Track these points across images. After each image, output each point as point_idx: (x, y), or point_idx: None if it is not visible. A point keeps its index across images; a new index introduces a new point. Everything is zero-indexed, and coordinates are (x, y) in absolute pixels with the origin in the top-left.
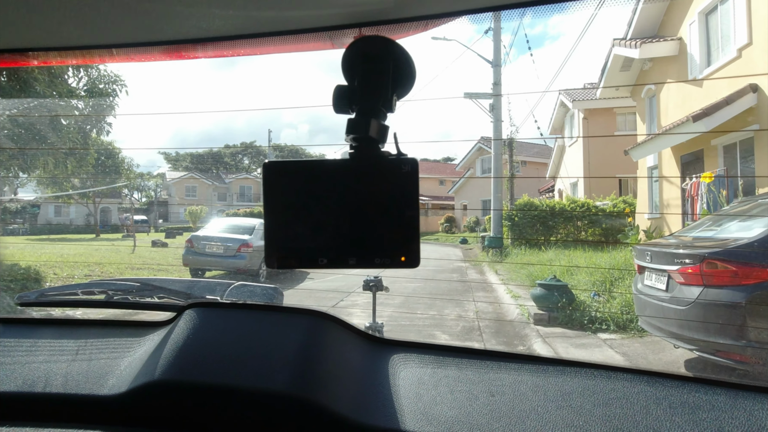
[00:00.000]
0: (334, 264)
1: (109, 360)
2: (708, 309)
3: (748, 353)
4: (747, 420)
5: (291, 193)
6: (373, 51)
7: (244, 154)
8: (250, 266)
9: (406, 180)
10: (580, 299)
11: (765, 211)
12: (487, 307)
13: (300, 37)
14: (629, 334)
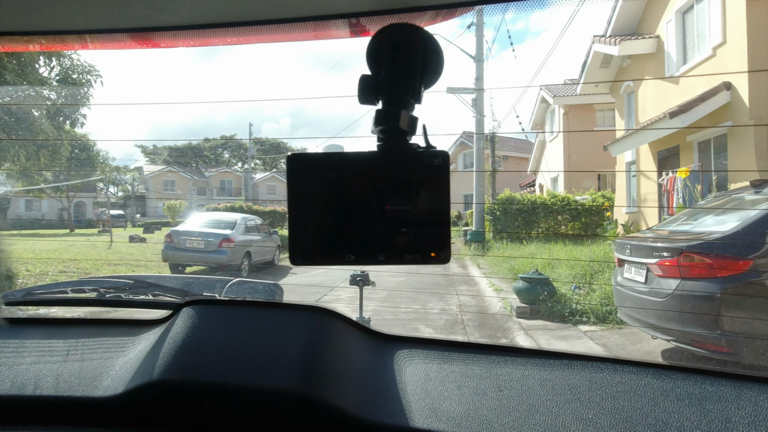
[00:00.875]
0: (361, 261)
1: (103, 360)
2: (685, 300)
3: (723, 343)
4: (753, 410)
5: (316, 186)
6: (401, 39)
7: (224, 148)
8: (231, 261)
9: (437, 173)
10: (561, 292)
11: (738, 206)
12: (470, 301)
13: (318, 24)
14: (608, 326)
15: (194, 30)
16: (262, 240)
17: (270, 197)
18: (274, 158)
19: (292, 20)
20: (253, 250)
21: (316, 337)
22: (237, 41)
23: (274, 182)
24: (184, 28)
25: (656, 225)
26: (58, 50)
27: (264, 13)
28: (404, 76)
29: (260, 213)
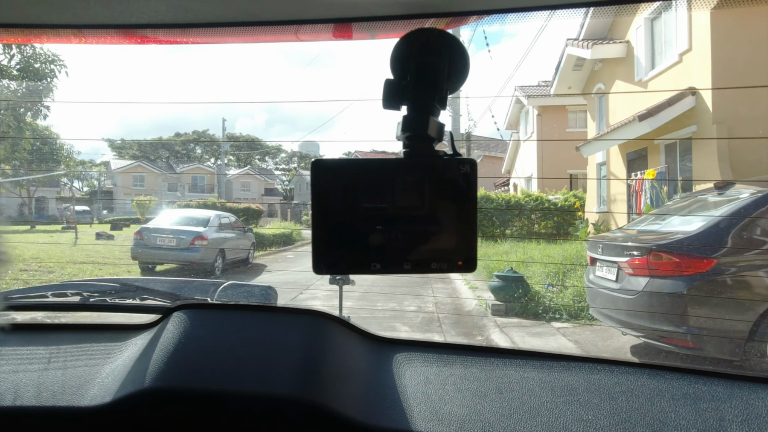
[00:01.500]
0: (388, 270)
1: (88, 367)
2: (654, 298)
3: (688, 338)
4: (745, 409)
5: (342, 193)
6: (430, 44)
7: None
8: (204, 260)
9: (464, 181)
10: (535, 290)
11: (703, 207)
12: (446, 299)
13: (338, 26)
14: (580, 323)
15: (190, 28)
16: (236, 238)
17: (244, 194)
18: (248, 154)
19: (280, 23)
20: (227, 248)
21: (315, 341)
22: (233, 41)
23: (248, 179)
24: (180, 26)
25: (626, 225)
26: (27, 43)
27: (264, 14)
28: (431, 82)
29: (234, 210)
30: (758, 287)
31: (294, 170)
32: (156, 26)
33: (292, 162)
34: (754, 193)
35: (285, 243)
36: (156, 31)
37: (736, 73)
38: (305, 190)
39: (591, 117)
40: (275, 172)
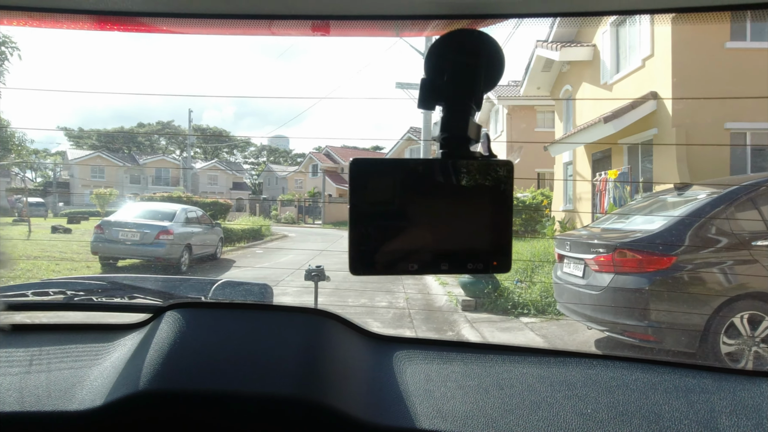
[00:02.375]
0: (425, 270)
1: (74, 370)
2: (618, 294)
3: (650, 332)
4: (732, 400)
5: (380, 193)
6: (469, 45)
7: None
8: (170, 255)
9: (501, 183)
10: (504, 286)
11: (663, 208)
12: (417, 295)
13: (363, 23)
14: (548, 317)
15: (159, 17)
16: (203, 232)
17: (211, 188)
18: (216, 147)
19: (259, 17)
20: (193, 243)
21: (316, 339)
22: (204, 32)
23: (215, 172)
24: (148, 15)
25: (591, 223)
26: None
27: (240, 7)
28: (469, 83)
29: (201, 204)
30: (713, 283)
31: (263, 164)
32: (122, 13)
33: (261, 156)
34: (710, 194)
35: (254, 238)
36: (122, 19)
37: (695, 79)
38: (274, 185)
39: (558, 117)
40: (244, 166)
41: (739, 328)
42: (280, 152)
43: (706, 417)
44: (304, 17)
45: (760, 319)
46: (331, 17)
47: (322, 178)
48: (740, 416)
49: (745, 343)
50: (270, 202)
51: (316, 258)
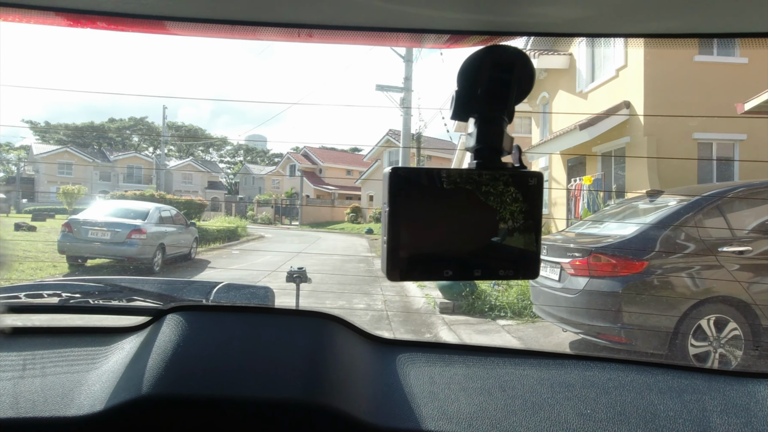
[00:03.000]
0: (459, 276)
1: (70, 374)
2: (592, 297)
3: (622, 334)
4: (722, 400)
5: (418, 201)
6: (505, 60)
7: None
8: (142, 255)
9: (532, 193)
10: (481, 289)
11: (635, 214)
12: (395, 297)
13: (386, 35)
14: (524, 320)
15: (138, 18)
16: (177, 232)
17: (186, 187)
18: (191, 145)
19: (239, 22)
20: (167, 243)
21: (321, 343)
22: (198, 34)
23: (190, 171)
24: (127, 16)
25: (567, 228)
26: None
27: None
28: (502, 96)
29: (175, 203)
30: (682, 287)
31: (240, 164)
32: (98, 13)
33: (237, 155)
34: (680, 202)
35: (230, 238)
36: (98, 17)
37: (665, 90)
38: (251, 184)
39: (535, 123)
40: (220, 165)
41: (705, 330)
42: (257, 152)
43: (698, 416)
44: (303, 26)
45: (725, 321)
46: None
47: (300, 178)
48: (730, 415)
49: (711, 345)
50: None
51: (293, 259)
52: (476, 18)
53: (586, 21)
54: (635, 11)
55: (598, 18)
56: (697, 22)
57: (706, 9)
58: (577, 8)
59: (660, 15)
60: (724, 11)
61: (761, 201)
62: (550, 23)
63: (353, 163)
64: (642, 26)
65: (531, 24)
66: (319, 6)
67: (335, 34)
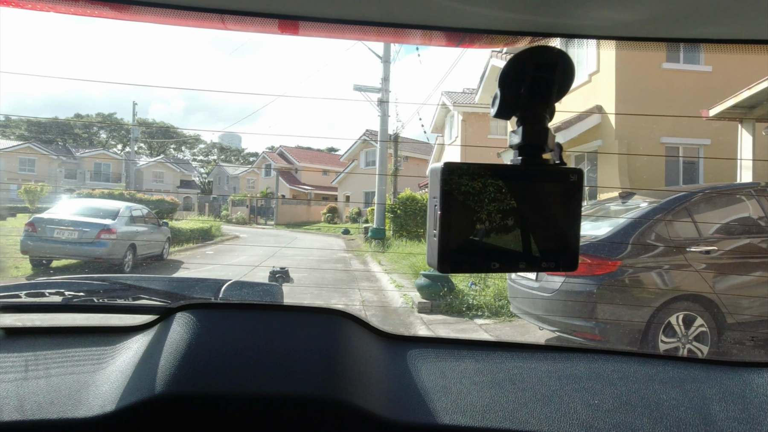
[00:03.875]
0: (505, 268)
1: (75, 375)
2: (568, 296)
3: (596, 332)
4: (720, 389)
5: (469, 196)
6: (548, 61)
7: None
8: (112, 255)
9: (572, 188)
10: (459, 288)
11: (608, 215)
12: (373, 297)
13: (421, 32)
14: (501, 319)
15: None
16: (149, 232)
17: (157, 185)
18: (162, 143)
19: (206, 10)
20: (138, 243)
21: (335, 339)
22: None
23: (161, 169)
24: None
25: None
26: None
27: None
28: (545, 96)
29: (145, 202)
30: (653, 285)
31: (214, 162)
32: None
33: (211, 154)
34: (651, 203)
35: (204, 238)
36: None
37: (635, 95)
38: (225, 184)
39: (511, 125)
40: (193, 164)
41: (675, 327)
42: (232, 150)
43: (699, 404)
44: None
45: (692, 318)
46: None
47: (276, 178)
48: (728, 402)
49: (680, 341)
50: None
51: (269, 260)
52: (521, 18)
53: (629, 25)
54: (678, 16)
55: (639, 22)
56: (740, 28)
57: (756, 15)
58: (623, 12)
59: (698, 21)
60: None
61: (726, 203)
62: (592, 26)
63: (330, 163)
64: (682, 32)
65: (571, 26)
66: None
67: (369, 30)
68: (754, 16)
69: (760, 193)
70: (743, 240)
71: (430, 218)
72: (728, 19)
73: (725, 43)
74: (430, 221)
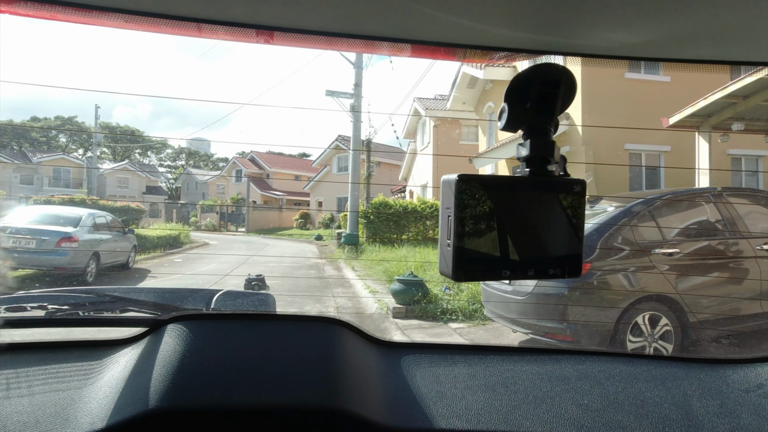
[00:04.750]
0: (515, 276)
1: (61, 392)
2: (541, 298)
3: (568, 333)
4: (699, 385)
5: (483, 206)
6: (552, 77)
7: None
8: (74, 264)
9: (576, 198)
10: (433, 293)
11: None
12: (347, 303)
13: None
14: (475, 323)
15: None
16: (113, 239)
17: (121, 191)
18: (127, 147)
19: (181, 18)
20: (102, 251)
21: (332, 348)
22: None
23: (126, 174)
24: (56, 4)
25: None
26: None
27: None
28: (552, 110)
29: (110, 209)
30: (620, 287)
31: (182, 168)
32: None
33: (179, 159)
34: (617, 207)
35: (172, 246)
36: (33, 5)
37: (600, 103)
38: (194, 190)
39: (482, 132)
40: (159, 169)
41: (641, 327)
42: (201, 156)
43: (681, 400)
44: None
45: (658, 318)
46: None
47: (247, 184)
48: (707, 398)
49: (646, 340)
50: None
51: (240, 267)
52: (527, 37)
53: (623, 46)
54: (675, 39)
55: (630, 45)
56: (728, 51)
57: (735, 40)
58: (624, 33)
59: (697, 44)
60: (747, 42)
61: (686, 207)
62: (593, 45)
63: (302, 169)
64: (681, 53)
65: (572, 45)
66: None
67: (378, 44)
68: (741, 40)
69: (716, 197)
70: (702, 242)
71: (443, 228)
72: (711, 43)
73: (708, 63)
74: (443, 231)
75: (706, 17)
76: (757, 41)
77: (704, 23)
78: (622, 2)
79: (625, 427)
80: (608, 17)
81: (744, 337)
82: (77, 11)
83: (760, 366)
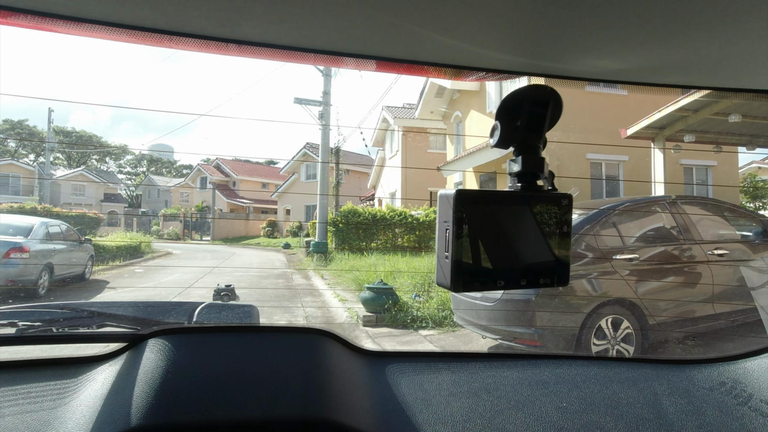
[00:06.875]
0: (508, 285)
1: (34, 413)
2: (509, 304)
3: (536, 338)
4: (668, 385)
5: (479, 220)
6: (542, 98)
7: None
8: (23, 276)
9: (564, 211)
10: (403, 300)
11: None
12: (317, 312)
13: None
14: (445, 329)
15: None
16: (68, 250)
17: (77, 199)
18: (83, 153)
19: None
20: (56, 262)
21: (316, 358)
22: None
23: (82, 181)
24: (18, 11)
25: None
26: None
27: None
28: (540, 128)
29: (64, 217)
30: (584, 292)
31: (143, 175)
32: None
33: (140, 166)
34: (581, 215)
35: (132, 255)
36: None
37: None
38: (156, 198)
39: (450, 141)
40: (119, 176)
41: (604, 330)
42: (163, 162)
43: (652, 400)
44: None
45: (619, 321)
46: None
47: (212, 191)
48: (676, 397)
49: (609, 343)
50: (150, 216)
51: (205, 276)
52: (516, 60)
53: (611, 71)
54: (653, 66)
55: (619, 70)
56: (707, 78)
57: (705, 68)
58: (606, 61)
59: (683, 71)
60: (735, 71)
61: (643, 214)
62: (577, 70)
63: (269, 176)
64: (668, 79)
65: (557, 69)
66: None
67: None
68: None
69: (671, 205)
70: (659, 248)
71: (440, 241)
72: (684, 71)
73: (680, 88)
74: (441, 243)
75: (680, 49)
76: (726, 70)
77: (678, 54)
78: (605, 35)
79: (603, 427)
80: (592, 46)
81: (707, 339)
82: (58, 21)
83: (722, 365)
